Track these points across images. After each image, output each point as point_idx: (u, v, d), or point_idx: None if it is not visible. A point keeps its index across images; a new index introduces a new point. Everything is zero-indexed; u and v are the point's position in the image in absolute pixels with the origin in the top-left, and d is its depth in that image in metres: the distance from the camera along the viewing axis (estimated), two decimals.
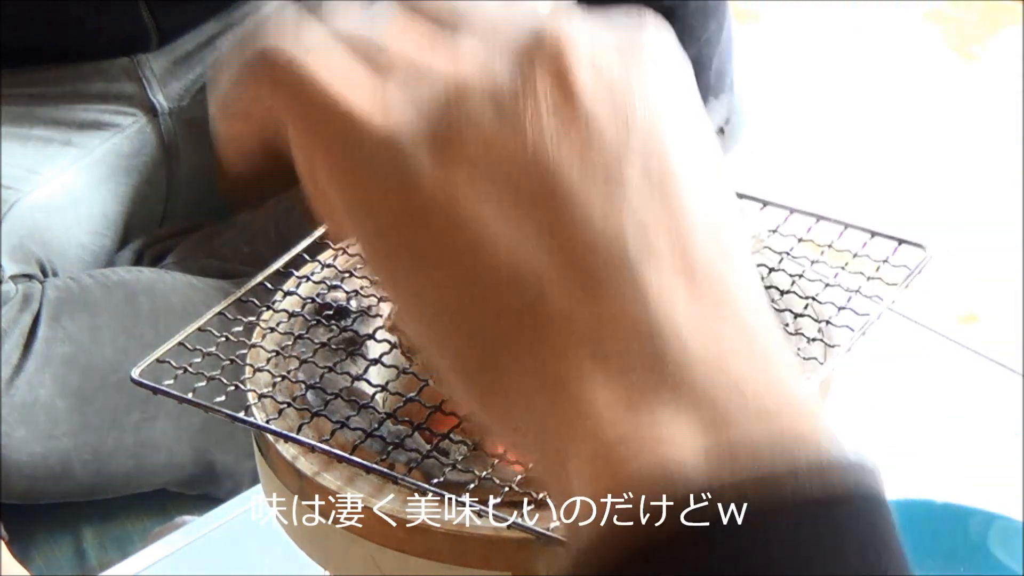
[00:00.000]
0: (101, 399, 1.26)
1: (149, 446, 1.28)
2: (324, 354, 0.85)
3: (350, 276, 0.90)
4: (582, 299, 0.44)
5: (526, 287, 0.45)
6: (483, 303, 0.46)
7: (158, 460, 1.29)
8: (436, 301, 0.48)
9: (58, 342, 1.26)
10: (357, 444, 0.78)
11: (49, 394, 1.25)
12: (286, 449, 0.81)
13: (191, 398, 0.80)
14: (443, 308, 0.47)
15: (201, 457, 1.30)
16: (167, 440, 1.29)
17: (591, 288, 0.44)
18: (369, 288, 0.88)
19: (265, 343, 0.86)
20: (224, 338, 0.84)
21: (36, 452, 1.24)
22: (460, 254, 0.46)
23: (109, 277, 1.31)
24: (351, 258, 0.91)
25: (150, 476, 1.30)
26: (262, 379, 0.83)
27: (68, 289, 1.28)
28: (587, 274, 0.44)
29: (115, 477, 1.28)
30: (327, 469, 0.79)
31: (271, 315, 0.88)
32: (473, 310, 0.46)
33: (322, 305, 0.87)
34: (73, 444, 1.25)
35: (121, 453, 1.27)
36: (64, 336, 1.26)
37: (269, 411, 0.82)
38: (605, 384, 0.43)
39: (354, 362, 0.84)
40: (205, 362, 0.82)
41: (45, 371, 1.25)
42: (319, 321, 0.86)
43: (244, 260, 1.39)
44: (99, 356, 1.26)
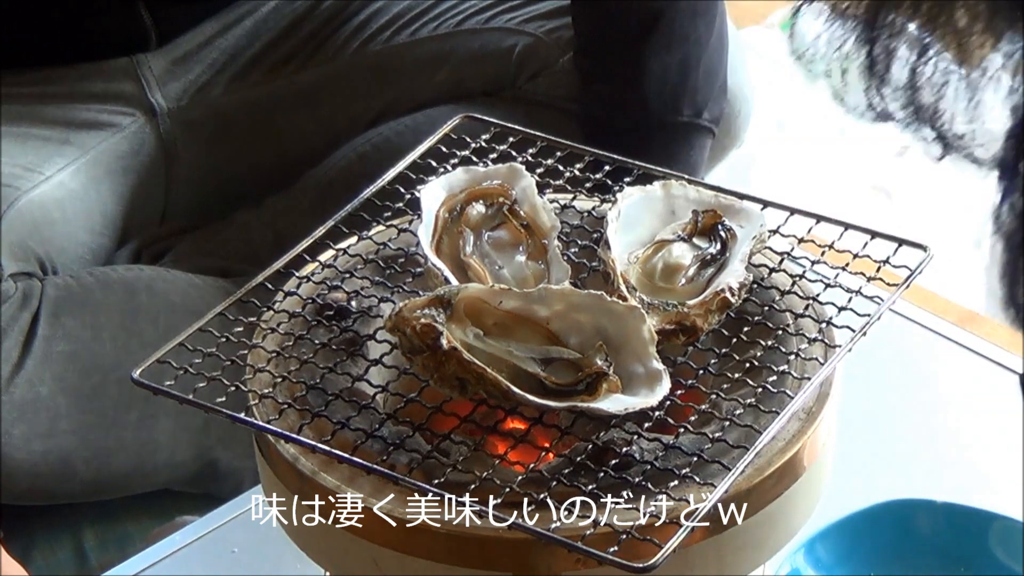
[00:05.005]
0: (101, 397, 1.26)
1: (150, 444, 1.28)
2: (325, 355, 0.85)
3: (350, 276, 0.90)
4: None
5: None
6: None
7: (159, 459, 1.29)
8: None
9: (58, 340, 1.26)
10: (358, 444, 0.78)
11: (49, 392, 1.24)
12: (286, 449, 0.81)
13: (192, 398, 0.80)
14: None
15: (203, 456, 1.30)
16: (168, 438, 1.29)
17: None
18: (369, 288, 0.88)
19: (266, 343, 0.86)
20: (225, 338, 0.84)
21: (36, 451, 1.24)
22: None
23: (109, 275, 1.31)
24: (351, 258, 0.91)
25: (151, 475, 1.30)
26: (263, 379, 0.83)
27: (68, 287, 1.28)
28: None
29: (116, 476, 1.28)
30: (327, 469, 0.79)
31: (272, 315, 0.88)
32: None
33: (323, 305, 0.87)
34: (74, 442, 1.25)
35: (122, 451, 1.27)
36: (64, 334, 1.26)
37: (270, 411, 0.82)
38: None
39: (355, 363, 0.84)
40: (206, 362, 0.82)
41: (45, 369, 1.25)
42: (320, 322, 0.86)
43: (243, 260, 1.39)
44: (99, 354, 1.26)
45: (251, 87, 1.45)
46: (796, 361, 0.82)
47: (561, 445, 0.77)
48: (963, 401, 1.20)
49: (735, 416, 0.78)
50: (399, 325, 0.77)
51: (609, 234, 0.85)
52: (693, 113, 1.38)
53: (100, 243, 1.39)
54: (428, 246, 0.85)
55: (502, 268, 0.85)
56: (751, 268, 0.85)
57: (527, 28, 1.44)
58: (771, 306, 0.85)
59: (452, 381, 0.77)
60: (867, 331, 0.81)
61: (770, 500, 0.79)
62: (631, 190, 0.89)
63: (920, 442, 1.16)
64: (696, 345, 0.82)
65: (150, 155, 1.43)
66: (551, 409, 0.77)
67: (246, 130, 1.46)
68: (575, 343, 0.80)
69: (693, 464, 0.75)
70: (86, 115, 1.41)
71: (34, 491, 1.27)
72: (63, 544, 1.29)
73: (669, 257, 0.85)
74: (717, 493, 0.73)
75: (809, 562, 1.00)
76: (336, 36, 1.47)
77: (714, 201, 0.88)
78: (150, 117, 1.43)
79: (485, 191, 0.89)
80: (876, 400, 1.18)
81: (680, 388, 0.80)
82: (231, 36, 1.45)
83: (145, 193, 1.43)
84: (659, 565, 0.69)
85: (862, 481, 1.07)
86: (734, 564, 0.79)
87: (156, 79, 1.43)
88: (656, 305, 0.82)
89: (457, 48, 1.45)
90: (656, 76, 1.36)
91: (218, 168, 1.46)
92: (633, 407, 0.76)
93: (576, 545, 0.71)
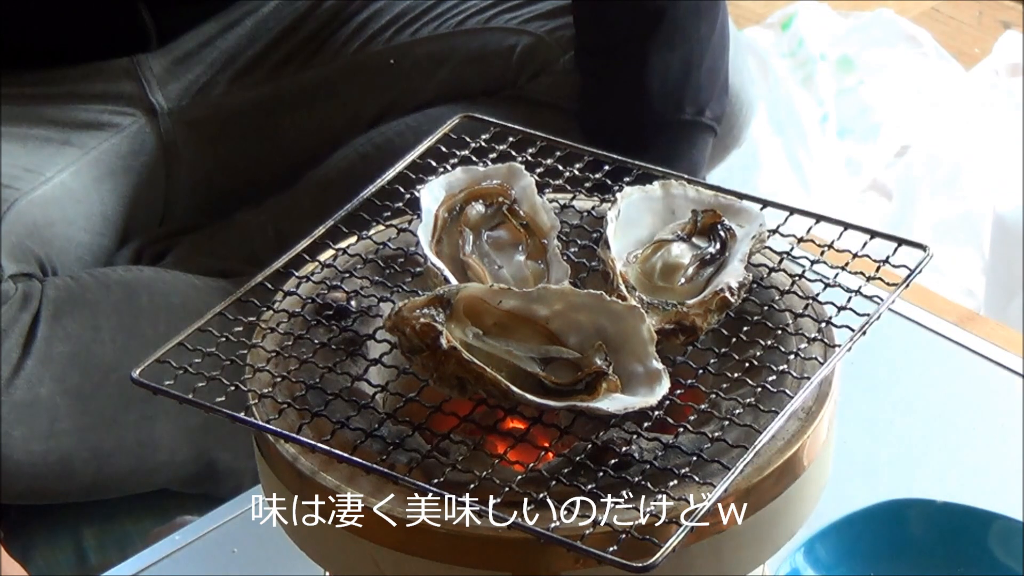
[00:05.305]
0: (101, 398, 1.26)
1: (150, 445, 1.28)
2: (324, 354, 0.85)
3: (350, 276, 0.90)
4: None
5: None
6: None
7: (159, 459, 1.29)
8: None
9: (58, 341, 1.26)
10: (357, 444, 0.78)
11: (49, 393, 1.25)
12: (286, 449, 0.81)
13: (192, 398, 0.80)
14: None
15: (202, 456, 1.30)
16: (168, 439, 1.29)
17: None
18: (369, 288, 0.88)
19: (265, 343, 0.86)
20: (224, 338, 0.84)
21: (36, 451, 1.24)
22: None
23: (109, 276, 1.31)
24: (351, 258, 0.91)
25: (151, 475, 1.30)
26: (262, 379, 0.83)
27: (68, 288, 1.28)
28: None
29: (116, 476, 1.28)
30: (327, 469, 0.79)
31: (271, 315, 0.88)
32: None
33: (322, 305, 0.87)
34: (73, 443, 1.25)
35: (121, 452, 1.27)
36: (64, 335, 1.26)
37: (269, 411, 0.82)
38: None
39: (354, 362, 0.84)
40: (205, 362, 0.82)
41: (45, 370, 1.25)
42: (319, 321, 0.86)
43: (243, 259, 1.39)
44: (99, 355, 1.26)
45: (252, 87, 1.46)
46: (795, 360, 0.82)
47: (560, 445, 0.77)
48: (963, 401, 1.20)
49: (734, 415, 0.78)
50: (398, 325, 0.77)
51: (608, 234, 0.85)
52: (695, 112, 1.38)
53: (100, 244, 1.39)
54: (427, 246, 0.85)
55: (501, 268, 0.85)
56: (750, 268, 0.85)
57: (528, 28, 1.44)
58: (770, 306, 0.85)
59: (451, 381, 0.77)
60: (866, 331, 0.81)
61: (770, 500, 0.79)
62: (630, 190, 0.89)
63: (920, 442, 1.16)
64: (695, 345, 0.82)
65: (151, 155, 1.43)
66: (550, 409, 0.77)
67: (247, 130, 1.46)
68: (574, 343, 0.80)
69: (692, 464, 0.75)
70: (86, 115, 1.41)
71: (34, 491, 1.27)
72: (63, 544, 1.29)
73: (668, 257, 0.85)
74: (717, 493, 0.73)
75: (809, 562, 1.00)
76: (337, 36, 1.47)
77: (713, 201, 0.88)
78: (151, 117, 1.43)
79: (485, 191, 0.89)
80: (876, 400, 1.18)
81: (679, 388, 0.80)
82: (232, 36, 1.45)
83: (146, 193, 1.43)
84: (658, 565, 0.69)
85: (862, 481, 1.08)
86: (734, 564, 0.79)
87: (157, 79, 1.43)
88: (655, 305, 0.82)
89: (458, 48, 1.46)
90: (658, 75, 1.36)
91: (219, 168, 1.46)
92: (632, 407, 0.76)
93: (576, 545, 0.71)
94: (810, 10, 2.26)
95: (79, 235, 1.37)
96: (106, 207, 1.40)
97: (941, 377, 1.22)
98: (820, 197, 2.02)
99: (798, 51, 2.20)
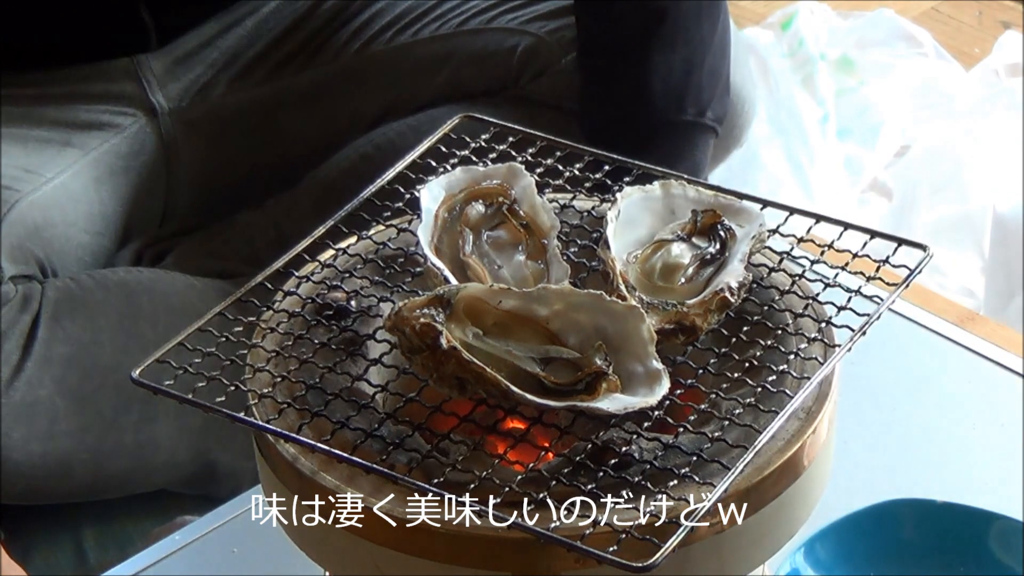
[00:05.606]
0: (101, 399, 1.26)
1: (149, 446, 1.28)
2: (324, 354, 0.85)
3: (350, 276, 0.90)
4: None
5: None
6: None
7: (158, 460, 1.29)
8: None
9: (58, 342, 1.26)
10: (357, 444, 0.78)
11: (49, 394, 1.25)
12: (286, 449, 0.81)
13: (191, 398, 0.80)
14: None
15: (202, 457, 1.30)
16: (167, 440, 1.29)
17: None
18: (369, 288, 0.88)
19: (265, 343, 0.86)
20: (224, 338, 0.84)
21: (36, 452, 1.24)
22: None
23: (109, 277, 1.31)
24: (351, 258, 0.91)
25: (150, 476, 1.30)
26: (262, 379, 0.83)
27: (68, 289, 1.28)
28: None
29: (115, 477, 1.28)
30: (327, 469, 0.79)
31: (271, 315, 0.88)
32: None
33: (322, 305, 0.87)
34: (73, 444, 1.25)
35: (121, 453, 1.27)
36: (64, 336, 1.26)
37: (269, 411, 0.82)
38: None
39: (354, 362, 0.84)
40: (205, 362, 0.82)
41: (45, 371, 1.25)
42: (319, 321, 0.86)
43: (244, 260, 1.39)
44: (99, 356, 1.26)
45: (252, 87, 1.46)
46: (795, 360, 0.82)
47: (560, 445, 0.77)
48: (963, 401, 1.20)
49: (734, 415, 0.78)
50: (398, 324, 0.77)
51: (608, 234, 0.85)
52: (697, 112, 1.38)
53: (101, 244, 1.39)
54: (427, 246, 0.85)
55: (501, 268, 0.85)
56: (750, 268, 0.85)
57: (529, 28, 1.44)
58: (770, 306, 0.85)
59: (451, 381, 0.77)
60: (866, 331, 0.81)
61: (770, 500, 0.79)
62: (630, 190, 0.89)
63: (920, 442, 1.16)
64: (695, 345, 0.82)
65: (151, 156, 1.43)
66: (550, 408, 0.77)
67: (247, 130, 1.46)
68: (574, 343, 0.80)
69: (693, 463, 0.75)
70: (87, 116, 1.41)
71: (33, 491, 1.27)
72: (63, 544, 1.29)
73: (668, 257, 0.85)
74: (717, 492, 0.73)
75: (809, 562, 1.00)
76: (337, 36, 1.47)
77: (713, 201, 0.88)
78: (151, 118, 1.43)
79: (485, 191, 0.89)
80: (876, 400, 1.18)
81: (679, 387, 0.80)
82: (232, 36, 1.45)
83: (146, 194, 1.43)
84: (658, 564, 0.69)
85: (862, 481, 1.08)
86: (734, 564, 0.79)
87: (157, 79, 1.43)
88: (655, 305, 0.82)
89: (459, 48, 1.46)
90: (660, 75, 1.36)
91: (219, 169, 1.46)
92: (632, 407, 0.76)
93: (576, 545, 0.71)
94: (810, 10, 2.26)
95: (79, 236, 1.37)
96: (106, 208, 1.39)
97: (941, 377, 1.22)
98: (820, 197, 2.02)
99: (798, 51, 2.19)
